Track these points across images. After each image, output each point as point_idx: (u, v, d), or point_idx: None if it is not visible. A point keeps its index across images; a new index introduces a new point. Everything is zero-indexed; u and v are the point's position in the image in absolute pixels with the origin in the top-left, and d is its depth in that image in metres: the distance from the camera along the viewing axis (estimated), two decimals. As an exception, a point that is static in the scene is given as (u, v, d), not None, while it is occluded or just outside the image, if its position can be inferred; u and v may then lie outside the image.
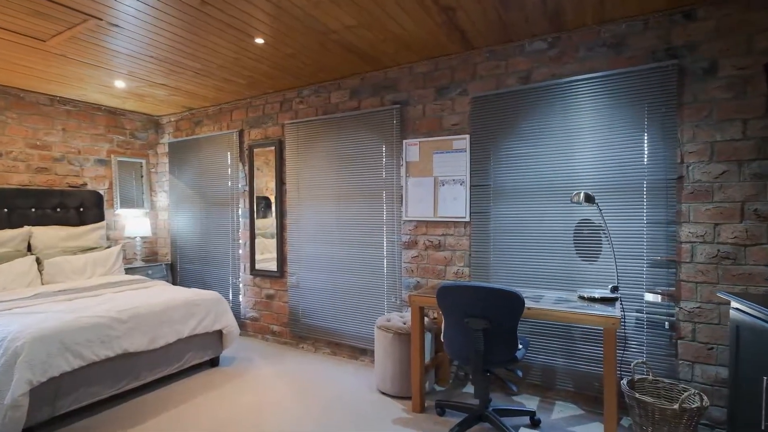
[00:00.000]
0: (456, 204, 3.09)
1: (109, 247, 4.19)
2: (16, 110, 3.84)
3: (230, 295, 4.35)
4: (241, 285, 4.31)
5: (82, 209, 4.22)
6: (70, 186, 4.23)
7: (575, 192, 2.56)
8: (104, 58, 3.09)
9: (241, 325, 4.31)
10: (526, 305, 2.28)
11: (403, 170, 3.29)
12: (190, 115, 4.71)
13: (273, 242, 4.04)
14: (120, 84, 3.70)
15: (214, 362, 3.47)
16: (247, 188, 4.22)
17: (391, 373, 2.89)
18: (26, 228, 3.74)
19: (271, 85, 3.79)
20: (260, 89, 3.90)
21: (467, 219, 3.05)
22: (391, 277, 3.36)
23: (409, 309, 3.23)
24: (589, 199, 2.48)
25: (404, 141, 3.28)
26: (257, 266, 4.16)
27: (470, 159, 3.04)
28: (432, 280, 3.20)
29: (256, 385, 3.10)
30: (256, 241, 4.16)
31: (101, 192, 4.43)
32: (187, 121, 4.73)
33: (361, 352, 3.55)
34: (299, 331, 3.87)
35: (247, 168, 4.22)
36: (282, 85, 3.79)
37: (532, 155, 2.84)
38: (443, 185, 3.13)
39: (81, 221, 4.19)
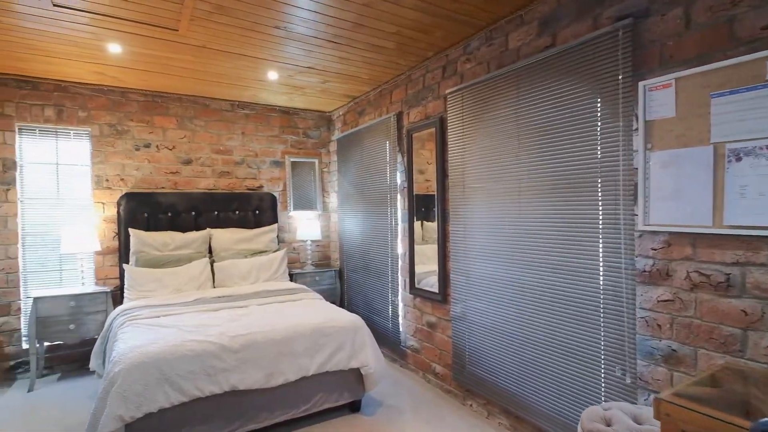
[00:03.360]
0: (777, 199, 1.41)
1: (277, 250, 4.05)
2: (204, 118, 4.06)
3: (389, 314, 3.60)
4: (400, 304, 3.49)
5: (257, 212, 4.22)
6: (248, 188, 4.29)
7: None
8: (237, 41, 2.73)
9: (401, 355, 3.49)
10: None
11: (637, 139, 1.78)
12: (354, 105, 4.20)
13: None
14: (273, 75, 3.40)
15: (354, 406, 2.73)
16: (405, 185, 3.37)
17: None
18: (207, 230, 3.87)
19: (427, 44, 2.81)
20: (416, 53, 2.96)
21: (812, 232, 1.34)
22: (615, 330, 1.89)
23: (650, 398, 1.71)
24: None
25: (640, 84, 1.76)
26: (418, 283, 3.26)
27: (823, 94, 1.32)
28: (709, 352, 1.59)
29: (392, 462, 2.18)
30: (422, 248, 3.25)
31: (275, 194, 4.38)
32: (353, 113, 4.24)
33: (557, 442, 2.18)
34: (465, 382, 2.76)
35: (405, 159, 3.36)
36: (441, 41, 2.76)
37: None
38: (737, 160, 1.49)
39: (256, 224, 4.19)
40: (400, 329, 3.48)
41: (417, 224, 3.28)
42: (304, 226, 4.39)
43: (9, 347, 3.31)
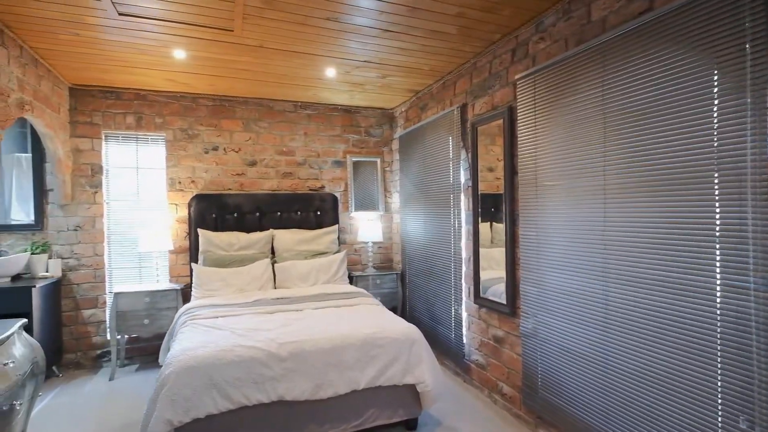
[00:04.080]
0: None
1: (337, 252, 3.97)
2: (268, 120, 4.10)
3: (452, 324, 3.32)
4: (464, 314, 3.20)
5: (319, 212, 4.17)
6: (310, 189, 4.27)
7: None
8: (291, 38, 2.65)
9: (465, 369, 3.20)
10: None
11: (775, 118, 1.34)
12: (416, 101, 3.98)
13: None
14: (330, 72, 3.30)
15: (410, 425, 2.51)
16: (470, 183, 3.07)
17: None
18: (270, 231, 3.90)
19: (494, 25, 2.50)
20: (481, 37, 2.67)
21: None
22: (739, 368, 1.45)
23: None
24: None
25: (781, 46, 1.33)
26: (484, 292, 2.95)
27: None
28: None
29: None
30: (490, 252, 2.94)
31: (337, 194, 4.31)
32: (415, 109, 4.02)
33: (654, 497, 1.77)
34: (537, 408, 2.41)
35: (469, 155, 3.07)
36: (510, 20, 2.44)
37: None
38: None
39: (318, 224, 4.14)
40: (464, 341, 3.20)
41: (486, 226, 2.97)
42: (366, 227, 4.27)
43: (96, 337, 3.59)
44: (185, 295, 3.63)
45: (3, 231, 3.41)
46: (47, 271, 3.36)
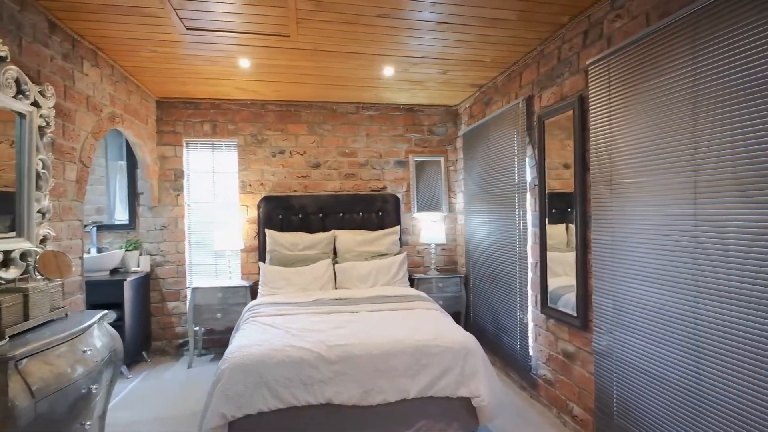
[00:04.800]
0: None
1: (398, 254, 3.90)
2: (331, 122, 4.17)
3: (518, 334, 3.08)
4: (530, 324, 2.95)
5: (380, 213, 4.15)
6: (372, 190, 4.26)
7: None
8: (344, 38, 2.64)
9: (531, 384, 2.95)
10: None
11: None
12: (480, 95, 3.77)
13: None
14: (388, 71, 3.24)
15: (465, 440, 2.36)
16: (537, 182, 2.82)
17: None
18: (332, 231, 3.96)
19: (561, 6, 2.25)
20: (547, 21, 2.42)
21: None
22: None
23: None
24: None
25: None
26: (554, 302, 2.68)
27: None
28: None
29: None
30: (564, 256, 2.68)
31: (399, 195, 4.25)
32: (479, 104, 3.82)
33: None
34: (613, 437, 2.12)
35: (536, 151, 2.82)
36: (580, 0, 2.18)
37: None
38: None
39: (379, 225, 4.12)
40: (530, 353, 2.94)
41: (560, 228, 2.70)
42: (428, 228, 4.15)
43: (179, 327, 3.93)
44: (254, 291, 3.82)
45: (106, 230, 3.87)
46: (138, 267, 3.74)
